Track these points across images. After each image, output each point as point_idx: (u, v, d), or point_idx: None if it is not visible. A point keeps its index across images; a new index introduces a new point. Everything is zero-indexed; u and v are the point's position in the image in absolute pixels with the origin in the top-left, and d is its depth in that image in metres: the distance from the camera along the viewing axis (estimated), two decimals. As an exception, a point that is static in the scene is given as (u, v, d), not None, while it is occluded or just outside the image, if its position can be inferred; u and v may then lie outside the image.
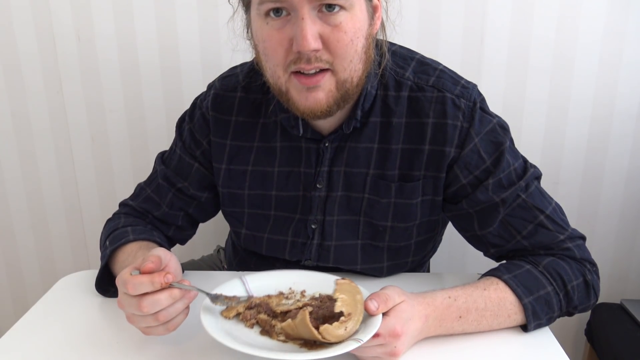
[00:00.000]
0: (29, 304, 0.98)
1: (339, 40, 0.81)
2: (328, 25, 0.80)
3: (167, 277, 0.75)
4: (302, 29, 0.78)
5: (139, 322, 0.77)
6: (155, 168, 1.09)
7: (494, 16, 1.37)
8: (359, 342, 0.70)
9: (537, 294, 0.86)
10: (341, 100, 0.86)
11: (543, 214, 0.92)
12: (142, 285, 0.74)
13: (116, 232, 0.99)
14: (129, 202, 1.09)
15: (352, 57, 0.83)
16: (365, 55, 0.85)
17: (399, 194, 0.95)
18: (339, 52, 0.81)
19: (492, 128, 0.93)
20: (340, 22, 0.80)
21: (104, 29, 1.44)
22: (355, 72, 0.85)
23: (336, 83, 0.84)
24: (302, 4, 0.78)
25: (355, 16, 0.81)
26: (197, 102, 1.06)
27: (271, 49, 0.83)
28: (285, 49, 0.81)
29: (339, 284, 0.76)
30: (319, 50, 0.80)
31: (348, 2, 0.80)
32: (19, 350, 0.83)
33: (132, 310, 0.76)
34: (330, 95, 0.85)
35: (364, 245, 0.98)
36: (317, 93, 0.84)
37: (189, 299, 0.78)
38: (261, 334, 0.78)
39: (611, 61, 1.39)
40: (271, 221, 1.01)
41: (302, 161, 0.98)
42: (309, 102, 0.84)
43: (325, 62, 0.82)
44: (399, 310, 0.76)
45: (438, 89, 0.92)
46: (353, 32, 0.81)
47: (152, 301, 0.74)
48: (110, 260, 0.97)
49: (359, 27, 0.82)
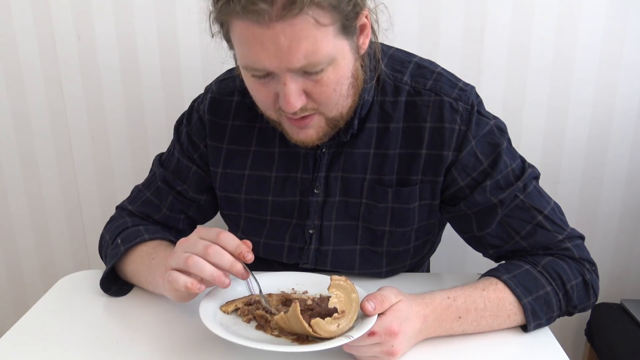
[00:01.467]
0: (29, 304, 0.98)
1: (322, 93, 0.81)
2: (311, 81, 0.80)
3: (248, 255, 0.78)
4: (285, 93, 0.79)
5: (177, 258, 0.78)
6: (153, 170, 1.09)
7: (494, 16, 1.37)
8: (350, 338, 0.71)
9: (537, 294, 0.86)
10: (332, 131, 0.89)
11: (541, 214, 0.92)
12: (233, 240, 0.78)
13: (128, 231, 0.99)
14: (127, 206, 1.08)
15: (337, 101, 0.84)
16: (352, 89, 0.86)
17: (396, 199, 0.95)
18: (324, 102, 0.83)
19: (490, 130, 0.93)
20: (322, 77, 0.79)
21: (104, 29, 1.44)
22: (343, 108, 0.87)
23: (326, 120, 0.86)
24: (283, 72, 0.77)
25: (338, 66, 0.80)
26: (194, 104, 1.06)
27: (259, 98, 0.85)
28: (272, 100, 0.83)
29: (334, 279, 0.76)
30: (304, 104, 0.81)
31: (328, 60, 0.78)
32: (19, 350, 0.83)
33: (196, 248, 0.77)
34: (321, 130, 0.87)
35: (362, 250, 0.98)
36: (307, 130, 0.86)
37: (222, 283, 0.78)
38: (256, 329, 0.80)
39: (611, 61, 1.39)
40: (267, 226, 1.01)
41: (300, 167, 0.98)
42: (300, 137, 0.88)
43: (312, 109, 0.83)
44: (396, 310, 0.76)
45: (436, 93, 0.92)
46: (335, 81, 0.81)
47: (219, 251, 0.77)
48: (120, 259, 0.96)
49: (342, 75, 0.82)
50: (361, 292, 0.79)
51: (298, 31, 0.73)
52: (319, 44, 0.75)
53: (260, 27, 0.73)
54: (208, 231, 0.80)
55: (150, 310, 0.92)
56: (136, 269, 0.94)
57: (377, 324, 0.74)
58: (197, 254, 0.77)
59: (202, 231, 0.80)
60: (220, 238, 0.78)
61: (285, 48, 0.74)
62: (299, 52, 0.75)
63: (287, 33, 0.73)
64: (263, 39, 0.74)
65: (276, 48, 0.74)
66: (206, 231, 0.80)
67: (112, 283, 0.97)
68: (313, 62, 0.76)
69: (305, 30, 0.74)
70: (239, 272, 0.78)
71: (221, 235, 0.78)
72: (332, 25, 0.76)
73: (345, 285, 0.77)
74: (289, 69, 0.77)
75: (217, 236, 0.78)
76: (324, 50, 0.76)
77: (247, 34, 0.75)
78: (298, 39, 0.74)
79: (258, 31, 0.74)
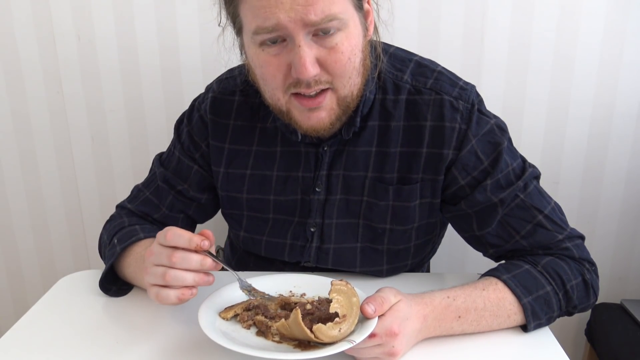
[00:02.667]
0: (29, 304, 0.98)
1: (337, 61, 0.81)
2: (324, 48, 0.80)
3: (204, 242, 0.77)
4: (300, 57, 0.78)
5: (153, 274, 0.79)
6: (153, 170, 1.09)
7: (494, 16, 1.37)
8: (352, 342, 0.70)
9: (537, 294, 0.86)
10: (343, 115, 0.88)
11: (542, 214, 0.92)
12: (181, 238, 0.77)
13: (124, 230, 0.99)
14: (126, 205, 1.08)
15: (350, 73, 0.84)
16: (362, 67, 0.86)
17: (397, 197, 0.95)
18: (338, 72, 0.82)
19: (490, 129, 0.93)
20: (337, 43, 0.80)
21: (104, 29, 1.44)
22: (354, 86, 0.86)
23: (337, 100, 0.86)
24: (297, 31, 0.77)
25: (351, 34, 0.81)
26: (195, 104, 1.06)
27: (269, 74, 0.84)
28: (284, 74, 0.82)
29: (334, 284, 0.76)
30: (318, 74, 0.81)
31: (342, 22, 0.79)
32: (19, 350, 0.83)
33: (161, 259, 0.77)
34: (332, 112, 0.86)
35: (363, 248, 0.98)
36: (319, 113, 0.85)
37: (207, 282, 0.80)
38: (257, 335, 0.79)
39: (611, 61, 1.39)
40: (270, 224, 1.01)
41: (301, 165, 0.98)
42: (312, 122, 0.86)
43: (325, 82, 0.83)
44: (396, 310, 0.76)
45: (436, 92, 0.93)
46: (350, 50, 0.81)
47: (184, 256, 0.77)
48: (117, 259, 0.96)
49: (355, 44, 0.82)
50: (362, 296, 0.79)
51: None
52: (334, 0, 0.77)
53: None
54: (164, 235, 0.79)
55: (150, 310, 0.92)
56: (134, 272, 0.94)
57: (377, 325, 0.73)
58: (165, 265, 0.78)
59: (160, 237, 0.80)
60: (173, 240, 0.78)
61: (302, 0, 0.75)
62: (316, 4, 0.76)
63: None
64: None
65: (292, 1, 0.75)
66: (162, 236, 0.79)
67: (112, 283, 0.97)
68: (329, 16, 0.77)
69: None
70: (210, 267, 0.79)
71: (172, 238, 0.78)
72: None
73: (345, 290, 0.76)
74: (305, 23, 0.77)
75: (171, 239, 0.78)
76: (339, 7, 0.78)
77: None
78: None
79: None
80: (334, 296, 0.75)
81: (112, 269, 0.96)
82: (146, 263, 0.81)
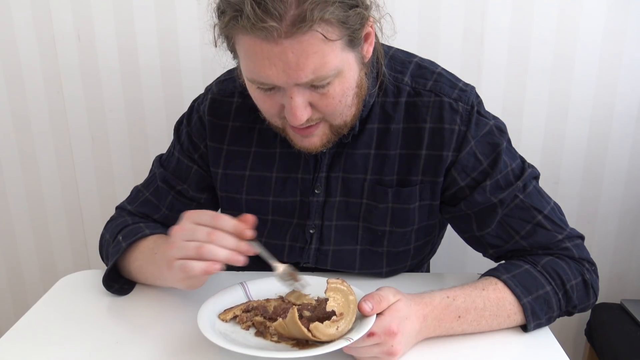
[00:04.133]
0: (29, 304, 0.98)
1: (328, 105, 0.82)
2: (317, 94, 0.80)
3: (247, 232, 0.77)
4: (291, 107, 0.79)
5: (182, 247, 0.77)
6: (153, 171, 1.09)
7: (494, 17, 1.37)
8: (349, 340, 0.71)
9: (536, 294, 0.86)
10: (336, 138, 0.90)
11: (541, 214, 0.92)
12: (227, 222, 0.77)
13: (128, 228, 0.99)
14: (126, 206, 1.08)
15: (342, 110, 0.84)
16: (357, 97, 0.86)
17: (396, 199, 0.95)
18: (329, 113, 0.83)
19: (489, 130, 0.93)
20: (328, 90, 0.80)
21: (104, 29, 1.44)
22: (348, 116, 0.87)
23: (330, 127, 0.87)
24: (290, 86, 0.78)
25: (345, 78, 0.81)
26: (194, 105, 1.06)
27: (264, 108, 0.86)
28: (277, 110, 0.83)
29: (330, 283, 0.76)
30: (310, 116, 0.82)
31: (335, 73, 0.79)
32: (19, 350, 0.83)
33: (196, 235, 0.76)
34: (325, 137, 0.88)
35: (362, 250, 0.98)
36: (311, 139, 0.87)
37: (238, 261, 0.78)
38: (256, 335, 0.79)
39: (611, 61, 1.39)
40: (269, 226, 1.01)
41: (300, 167, 0.98)
42: (305, 144, 0.88)
43: (317, 119, 0.84)
44: (395, 309, 0.76)
45: (436, 94, 0.92)
46: (341, 93, 0.81)
47: (223, 236, 0.76)
48: (122, 256, 0.96)
49: (347, 86, 0.82)
50: (359, 293, 0.79)
51: (306, 47, 0.74)
52: (326, 59, 0.76)
53: (268, 43, 0.73)
54: (200, 215, 0.79)
55: (150, 310, 0.92)
56: (141, 265, 0.94)
57: (375, 324, 0.73)
58: (200, 240, 0.76)
59: (194, 216, 0.79)
60: (217, 222, 0.77)
61: (293, 64, 0.74)
62: (307, 67, 0.75)
63: (295, 49, 0.73)
64: (271, 55, 0.74)
65: (284, 64, 0.74)
66: (198, 215, 0.79)
67: (115, 281, 0.97)
68: (320, 77, 0.77)
69: (314, 45, 0.74)
70: (245, 250, 0.78)
71: (217, 220, 0.77)
72: (339, 40, 0.76)
73: (342, 288, 0.76)
74: (297, 83, 0.77)
75: (214, 220, 0.78)
76: (331, 64, 0.77)
77: (255, 49, 0.75)
78: (306, 55, 0.74)
79: (266, 47, 0.74)
80: (330, 295, 0.75)
81: (115, 266, 0.96)
82: (173, 239, 0.79)
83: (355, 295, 0.77)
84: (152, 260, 0.92)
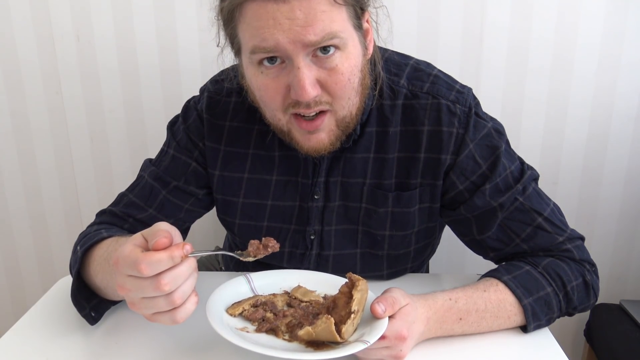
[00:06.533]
0: (28, 305, 0.98)
1: (337, 82, 0.80)
2: (324, 69, 0.79)
3: (186, 247, 0.66)
4: (299, 79, 0.77)
5: (148, 306, 0.68)
6: (140, 174, 1.04)
7: (493, 17, 1.38)
8: (366, 343, 0.70)
9: (537, 295, 0.86)
10: (342, 135, 0.88)
11: (541, 217, 0.92)
12: (161, 262, 0.65)
13: (87, 236, 0.91)
14: (107, 209, 1.02)
15: (349, 94, 0.83)
16: (361, 87, 0.85)
17: (396, 203, 0.94)
18: (338, 94, 0.82)
19: (487, 133, 0.92)
20: (336, 64, 0.79)
21: (103, 29, 1.44)
22: (353, 107, 0.86)
23: (336, 121, 0.85)
24: (297, 52, 0.76)
25: (350, 54, 0.80)
26: (190, 104, 1.03)
27: (268, 97, 0.83)
28: (283, 95, 0.81)
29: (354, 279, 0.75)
30: (318, 95, 0.80)
31: (342, 41, 0.78)
32: (18, 350, 0.83)
33: (147, 292, 0.66)
34: (332, 133, 0.86)
35: (363, 254, 0.98)
36: (318, 135, 0.85)
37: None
38: (267, 333, 0.78)
39: (610, 62, 1.40)
40: (263, 232, 0.99)
41: (300, 171, 0.97)
42: (312, 143, 0.86)
43: (325, 103, 0.82)
44: (405, 313, 0.76)
45: (433, 96, 0.92)
46: (349, 70, 0.81)
47: (174, 276, 0.65)
48: (83, 267, 0.87)
49: (354, 64, 0.81)
50: (371, 295, 0.79)
51: (315, 5, 0.74)
52: (334, 19, 0.76)
53: (275, 3, 0.74)
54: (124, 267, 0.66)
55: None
56: (103, 279, 0.83)
57: (387, 328, 0.73)
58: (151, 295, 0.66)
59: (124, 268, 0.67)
60: (147, 272, 0.65)
61: (301, 21, 0.74)
62: (315, 25, 0.75)
63: (303, 6, 0.74)
64: (277, 15, 0.74)
65: (291, 22, 0.74)
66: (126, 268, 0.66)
67: (85, 298, 0.86)
68: (329, 34, 0.76)
69: (322, 4, 0.75)
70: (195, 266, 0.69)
71: (144, 270, 0.65)
72: (345, 6, 0.77)
73: (364, 287, 0.76)
74: (305, 43, 0.76)
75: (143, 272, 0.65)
76: (338, 26, 0.77)
77: (261, 12, 0.75)
78: (315, 13, 0.74)
79: (273, 7, 0.74)
80: (355, 293, 0.74)
81: (82, 280, 0.87)
82: (130, 299, 0.69)
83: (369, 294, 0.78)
84: (108, 271, 0.81)
